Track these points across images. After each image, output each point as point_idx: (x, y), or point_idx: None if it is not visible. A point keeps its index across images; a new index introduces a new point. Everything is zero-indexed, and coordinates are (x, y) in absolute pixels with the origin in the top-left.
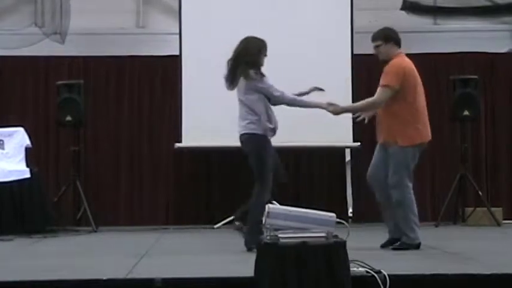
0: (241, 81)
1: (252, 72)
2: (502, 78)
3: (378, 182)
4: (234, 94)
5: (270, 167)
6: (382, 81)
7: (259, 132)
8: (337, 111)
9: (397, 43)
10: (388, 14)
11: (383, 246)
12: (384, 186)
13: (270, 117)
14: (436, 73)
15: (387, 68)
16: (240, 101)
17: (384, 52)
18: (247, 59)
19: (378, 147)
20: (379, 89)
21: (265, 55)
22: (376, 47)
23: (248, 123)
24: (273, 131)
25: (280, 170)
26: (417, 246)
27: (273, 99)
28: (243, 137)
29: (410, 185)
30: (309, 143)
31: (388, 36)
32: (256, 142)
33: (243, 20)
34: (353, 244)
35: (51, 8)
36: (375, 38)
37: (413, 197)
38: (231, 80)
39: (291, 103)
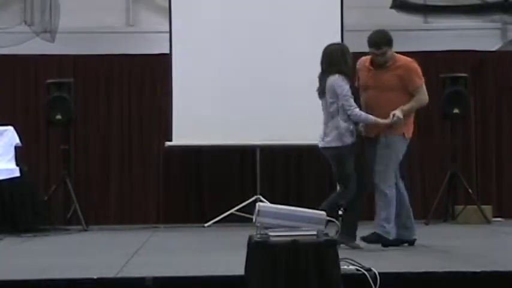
0: None
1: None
2: (492, 76)
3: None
4: (224, 93)
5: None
6: (420, 81)
7: None
8: (400, 120)
9: (391, 45)
10: (378, 12)
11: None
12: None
13: None
14: (426, 71)
15: (410, 66)
16: None
17: (390, 56)
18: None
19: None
20: (420, 88)
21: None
22: (382, 53)
23: None
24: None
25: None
26: (388, 240)
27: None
28: None
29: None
30: (300, 141)
31: (391, 40)
32: None
33: (233, 18)
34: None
35: (40, 6)
36: (379, 45)
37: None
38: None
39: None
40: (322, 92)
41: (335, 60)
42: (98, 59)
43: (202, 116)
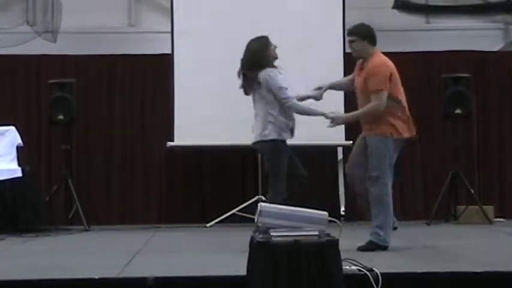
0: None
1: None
2: (494, 76)
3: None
4: (226, 93)
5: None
6: (375, 86)
7: None
8: (340, 119)
9: (373, 41)
10: (380, 13)
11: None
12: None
13: None
14: (428, 71)
15: (375, 70)
16: None
17: (357, 49)
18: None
19: (359, 140)
20: (374, 95)
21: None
22: (351, 41)
23: None
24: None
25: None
26: (385, 248)
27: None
28: None
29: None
30: (301, 141)
31: (364, 33)
32: None
33: (235, 18)
34: (345, 242)
35: (42, 6)
36: (350, 33)
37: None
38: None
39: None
40: (249, 88)
41: (260, 54)
42: (100, 59)
43: (204, 116)
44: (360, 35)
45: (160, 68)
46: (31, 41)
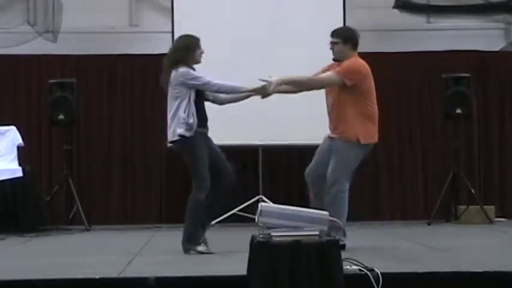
0: None
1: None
2: (495, 76)
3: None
4: None
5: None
6: (338, 70)
7: None
8: (275, 83)
9: (355, 46)
10: (381, 13)
11: None
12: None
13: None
14: (428, 71)
15: (346, 63)
16: None
17: (339, 51)
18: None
19: (324, 140)
20: (329, 74)
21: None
22: (333, 43)
23: None
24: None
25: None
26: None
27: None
28: None
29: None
30: (303, 141)
31: (349, 38)
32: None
33: (235, 18)
34: (346, 242)
35: (43, 6)
36: (335, 34)
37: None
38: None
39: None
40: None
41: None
42: (101, 59)
43: None
44: (343, 38)
45: (161, 68)
46: (32, 41)
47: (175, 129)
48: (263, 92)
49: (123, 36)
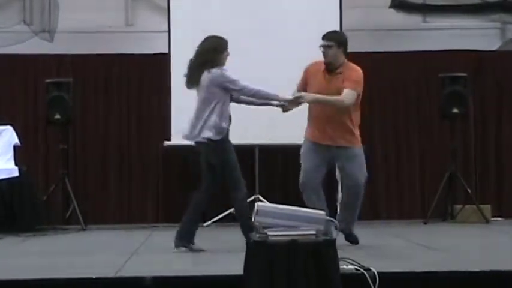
0: None
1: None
2: (491, 76)
3: (315, 184)
4: None
5: None
6: (352, 85)
7: None
8: (309, 97)
9: (346, 51)
10: (377, 12)
11: None
12: (318, 188)
13: None
14: (425, 71)
15: (355, 74)
16: None
17: (333, 55)
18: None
19: (316, 148)
20: (348, 91)
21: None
22: (327, 47)
23: None
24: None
25: None
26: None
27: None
28: None
29: None
30: (299, 141)
31: (342, 42)
32: None
33: (231, 18)
34: (342, 242)
35: (40, 5)
36: (329, 38)
37: None
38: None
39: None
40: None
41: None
42: (97, 59)
43: None
44: (337, 42)
45: (158, 67)
46: (28, 41)
47: (202, 131)
48: (296, 103)
49: (119, 35)
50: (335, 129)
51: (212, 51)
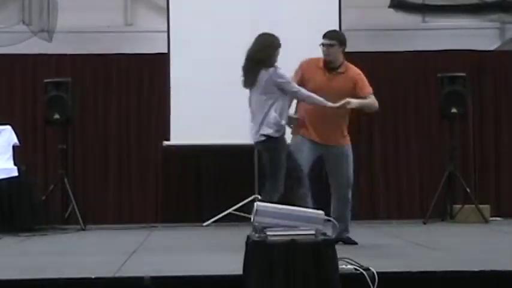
0: None
1: None
2: (490, 75)
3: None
4: (222, 92)
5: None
6: (369, 88)
7: None
8: (354, 104)
9: (344, 51)
10: (376, 12)
11: None
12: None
13: None
14: (424, 70)
15: (364, 78)
16: None
17: (333, 53)
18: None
19: (312, 145)
20: (371, 96)
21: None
22: (330, 45)
23: None
24: None
25: None
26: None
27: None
28: None
29: None
30: None
31: (344, 41)
32: None
33: (230, 17)
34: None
35: (38, 5)
36: (331, 37)
37: None
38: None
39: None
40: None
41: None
42: (96, 59)
43: (200, 115)
44: (339, 41)
45: (157, 67)
46: (27, 40)
47: (262, 128)
48: (343, 110)
49: (118, 35)
50: (328, 129)
51: (267, 49)
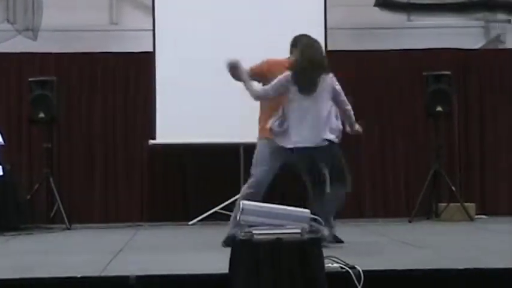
0: None
1: None
2: (475, 74)
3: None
4: (208, 91)
5: None
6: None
7: None
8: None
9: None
10: (362, 11)
11: None
12: None
13: None
14: (409, 69)
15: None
16: None
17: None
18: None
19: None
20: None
21: None
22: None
23: None
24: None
25: None
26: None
27: None
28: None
29: None
30: None
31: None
32: None
33: (217, 16)
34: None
35: (23, 4)
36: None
37: None
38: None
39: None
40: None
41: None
42: (81, 57)
43: (186, 114)
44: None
45: (142, 65)
46: (11, 39)
47: (325, 133)
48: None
49: (103, 34)
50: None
51: (322, 54)
